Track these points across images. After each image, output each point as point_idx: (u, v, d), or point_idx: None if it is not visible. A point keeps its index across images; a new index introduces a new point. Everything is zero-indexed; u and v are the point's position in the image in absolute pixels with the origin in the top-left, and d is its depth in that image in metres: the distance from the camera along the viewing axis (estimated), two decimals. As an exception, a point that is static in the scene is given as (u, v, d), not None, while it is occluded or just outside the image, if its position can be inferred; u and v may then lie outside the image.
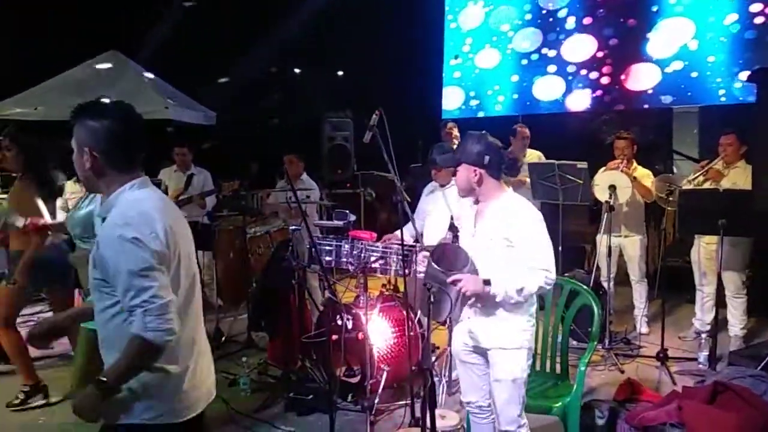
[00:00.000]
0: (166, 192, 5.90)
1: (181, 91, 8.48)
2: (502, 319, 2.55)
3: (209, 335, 4.92)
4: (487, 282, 2.41)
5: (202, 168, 6.25)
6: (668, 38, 6.59)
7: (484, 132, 2.60)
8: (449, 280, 2.41)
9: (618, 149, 5.02)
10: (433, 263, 2.52)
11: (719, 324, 4.47)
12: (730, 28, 6.18)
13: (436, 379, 3.71)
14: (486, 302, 2.52)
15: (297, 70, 11.44)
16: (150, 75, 8.10)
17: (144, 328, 1.70)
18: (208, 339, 4.71)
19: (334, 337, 3.45)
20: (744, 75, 5.96)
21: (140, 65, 8.14)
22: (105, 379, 1.74)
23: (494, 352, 2.58)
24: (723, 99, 6.27)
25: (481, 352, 2.64)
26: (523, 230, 2.46)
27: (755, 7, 6.02)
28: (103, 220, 1.85)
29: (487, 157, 2.52)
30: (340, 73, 11.13)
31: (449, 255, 2.61)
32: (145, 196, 1.86)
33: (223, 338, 4.99)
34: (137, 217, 1.77)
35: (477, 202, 2.64)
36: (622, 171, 4.84)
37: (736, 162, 4.60)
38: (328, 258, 4.01)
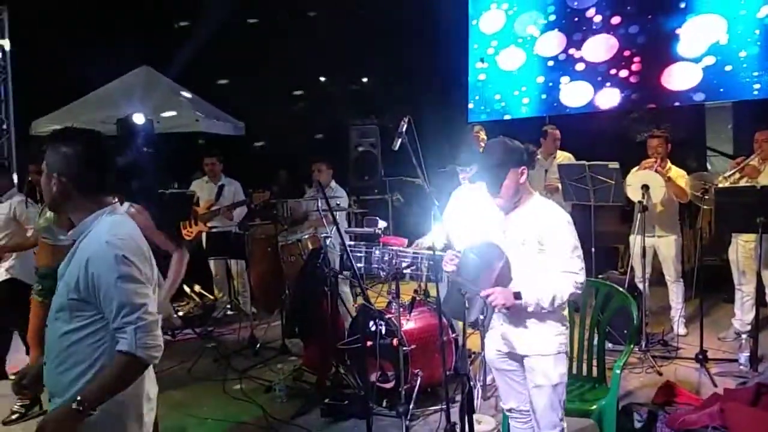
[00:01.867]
0: (198, 203, 6.04)
1: (209, 102, 8.65)
2: (535, 325, 2.52)
3: (244, 342, 5.09)
4: (517, 295, 2.38)
5: (233, 179, 6.37)
6: (699, 35, 6.48)
7: (501, 136, 2.59)
8: (482, 294, 2.38)
9: (651, 148, 4.95)
10: (471, 254, 2.51)
11: (760, 324, 4.36)
12: (763, 21, 6.03)
13: (471, 383, 3.71)
14: (517, 310, 2.48)
15: (322, 78, 11.55)
16: (182, 90, 8.28)
17: (135, 345, 1.72)
18: (243, 345, 4.78)
19: (369, 343, 3.47)
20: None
21: (171, 80, 8.32)
22: (82, 398, 1.71)
23: (531, 359, 2.55)
24: (756, 93, 6.13)
25: (517, 358, 2.61)
26: (554, 233, 2.43)
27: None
28: (74, 242, 1.87)
29: (524, 154, 2.51)
30: (365, 79, 11.19)
31: (484, 250, 2.57)
32: (123, 220, 1.92)
33: (258, 345, 5.07)
34: (127, 238, 1.83)
35: (507, 211, 2.57)
36: (656, 170, 4.76)
37: (774, 158, 4.51)
38: (359, 264, 4.05)
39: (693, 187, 4.74)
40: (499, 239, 2.60)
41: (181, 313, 6.03)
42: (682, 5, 6.59)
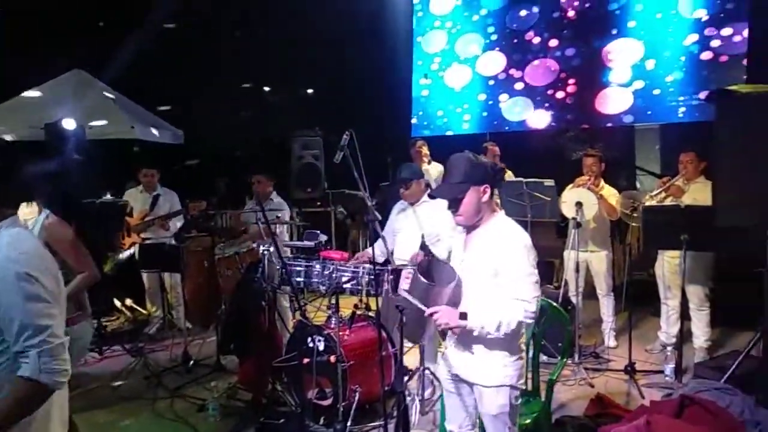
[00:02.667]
0: (131, 214, 5.80)
1: (147, 110, 8.36)
2: (481, 354, 2.45)
3: (177, 359, 4.90)
4: (463, 316, 2.31)
5: (169, 189, 6.17)
6: (629, 59, 6.81)
7: (466, 151, 2.51)
8: (427, 313, 2.34)
9: (586, 166, 5.14)
10: (421, 278, 2.48)
11: (684, 336, 4.57)
12: (689, 49, 6.41)
13: (409, 399, 3.69)
14: (463, 333, 2.43)
15: (266, 88, 11.42)
16: (117, 95, 7.96)
17: (38, 370, 1.61)
18: (175, 362, 4.56)
19: (306, 360, 3.40)
20: (702, 95, 6.18)
21: (106, 84, 7.99)
22: None
23: (475, 387, 2.51)
24: (681, 116, 6.48)
25: (464, 381, 2.57)
26: (509, 258, 2.35)
27: (710, 31, 6.26)
28: None
29: (488, 174, 2.43)
30: (310, 91, 11.14)
31: (436, 270, 2.57)
32: (24, 233, 1.77)
33: (192, 362, 4.89)
34: (29, 253, 1.69)
35: (469, 230, 2.51)
36: (588, 188, 4.94)
37: (696, 178, 4.75)
38: (299, 279, 3.98)
39: (622, 205, 4.94)
40: (458, 257, 2.56)
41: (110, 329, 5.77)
42: (614, 31, 6.91)
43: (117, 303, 6.37)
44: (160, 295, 5.79)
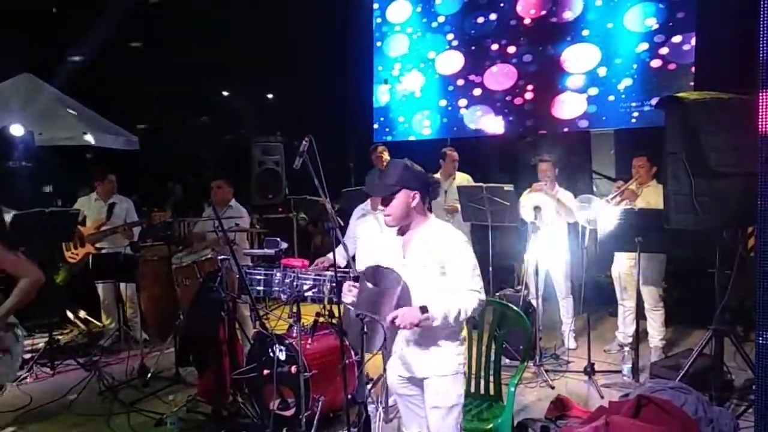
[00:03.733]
0: (84, 223, 5.61)
1: (101, 115, 8.12)
2: (434, 347, 2.55)
3: (133, 372, 4.75)
4: (424, 309, 2.39)
5: (124, 196, 5.99)
6: (584, 66, 6.97)
7: (405, 158, 2.64)
8: (388, 319, 2.38)
9: (541, 171, 5.23)
10: (368, 283, 2.49)
11: (640, 336, 4.69)
12: (641, 56, 6.60)
13: (372, 407, 3.67)
14: (422, 330, 2.50)
15: (225, 93, 11.25)
16: (68, 100, 7.71)
17: None
18: (133, 376, 4.41)
19: (266, 371, 3.34)
20: (654, 101, 6.37)
21: (57, 89, 7.73)
22: None
23: (430, 381, 2.57)
24: (634, 122, 6.67)
25: (417, 382, 2.63)
26: (454, 256, 2.49)
27: (659, 38, 6.47)
28: None
29: (420, 181, 2.55)
30: (270, 96, 11.03)
31: (381, 276, 2.58)
32: None
33: (149, 375, 4.75)
34: None
35: (401, 232, 2.63)
36: (545, 192, 5.04)
37: (649, 182, 4.90)
38: (259, 287, 3.92)
39: (578, 208, 5.04)
40: (398, 264, 2.60)
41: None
42: (568, 38, 7.07)
43: (70, 315, 6.15)
44: (115, 307, 5.62)
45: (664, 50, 6.44)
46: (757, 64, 2.26)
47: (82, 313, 6.16)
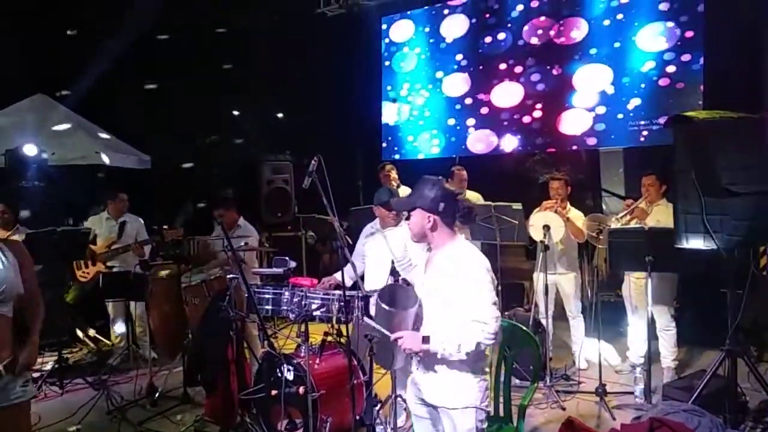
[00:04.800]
0: (95, 242, 5.66)
1: (114, 134, 8.23)
2: (446, 376, 2.48)
3: (142, 391, 4.74)
4: (426, 339, 2.38)
5: (135, 215, 6.04)
6: (592, 85, 6.99)
7: (440, 178, 2.57)
8: (392, 338, 2.39)
9: (553, 189, 5.22)
10: (382, 304, 2.49)
11: (652, 356, 4.63)
12: (647, 74, 6.61)
13: (380, 428, 3.64)
14: (428, 356, 2.48)
15: (235, 112, 11.36)
16: (81, 120, 7.82)
17: None
18: (141, 395, 4.38)
19: (274, 392, 3.33)
20: (662, 120, 6.36)
21: (70, 109, 7.85)
22: None
23: (441, 410, 2.53)
24: (643, 141, 6.66)
25: (431, 405, 2.59)
26: (466, 281, 2.40)
27: (668, 56, 6.47)
28: None
29: (442, 204, 2.48)
30: (280, 115, 11.13)
31: (398, 295, 2.59)
32: None
33: (157, 394, 4.74)
34: None
35: (429, 249, 2.60)
36: (556, 211, 5.02)
37: (658, 200, 4.87)
38: (267, 306, 3.91)
39: (589, 228, 5.02)
40: (419, 279, 2.62)
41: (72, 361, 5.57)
42: (577, 57, 7.09)
43: (80, 333, 6.17)
44: (125, 325, 5.64)
45: (671, 69, 6.45)
46: (765, 84, 2.26)
47: (92, 332, 6.18)
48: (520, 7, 7.54)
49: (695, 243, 3.56)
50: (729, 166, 3.41)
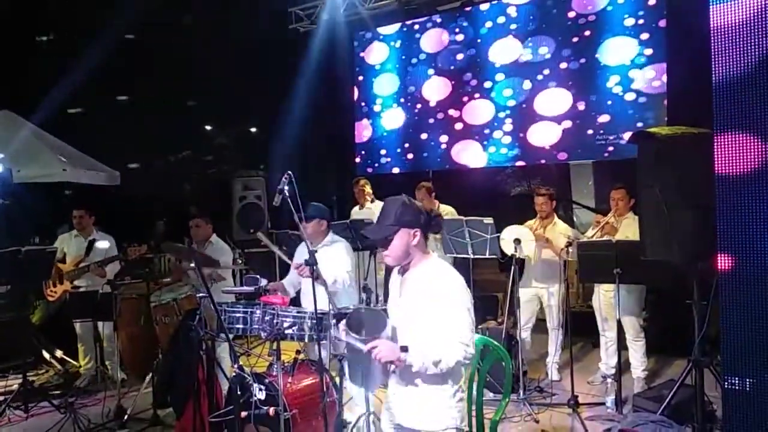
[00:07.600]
0: (63, 260, 5.54)
1: (82, 151, 8.08)
2: (423, 397, 2.44)
3: (110, 413, 4.63)
4: (404, 349, 2.32)
5: (105, 233, 5.93)
6: (561, 100, 7.12)
7: (402, 194, 2.54)
8: (366, 347, 2.31)
9: (537, 205, 5.26)
10: (349, 332, 2.43)
11: (622, 367, 4.69)
12: (614, 91, 6.76)
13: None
14: (404, 373, 2.43)
15: (207, 127, 11.29)
16: (47, 136, 7.67)
17: None
18: (109, 418, 4.31)
19: (243, 413, 3.28)
20: (626, 135, 6.50)
21: (36, 125, 7.70)
22: None
23: None
24: (607, 156, 6.80)
25: (407, 429, 2.53)
26: (443, 301, 2.37)
27: (633, 73, 6.63)
28: None
29: (421, 216, 2.46)
30: (252, 129, 11.10)
31: (367, 318, 2.56)
32: None
33: (126, 416, 4.63)
34: None
35: (402, 271, 2.55)
36: (535, 233, 5.07)
37: (627, 214, 4.97)
38: (239, 325, 3.86)
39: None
40: (394, 302, 2.57)
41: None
42: (546, 72, 7.23)
43: (46, 355, 6.01)
44: (93, 346, 5.51)
45: (637, 84, 6.61)
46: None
47: (59, 353, 6.02)
48: (488, 24, 7.67)
49: (660, 255, 3.63)
50: (691, 181, 3.49)
